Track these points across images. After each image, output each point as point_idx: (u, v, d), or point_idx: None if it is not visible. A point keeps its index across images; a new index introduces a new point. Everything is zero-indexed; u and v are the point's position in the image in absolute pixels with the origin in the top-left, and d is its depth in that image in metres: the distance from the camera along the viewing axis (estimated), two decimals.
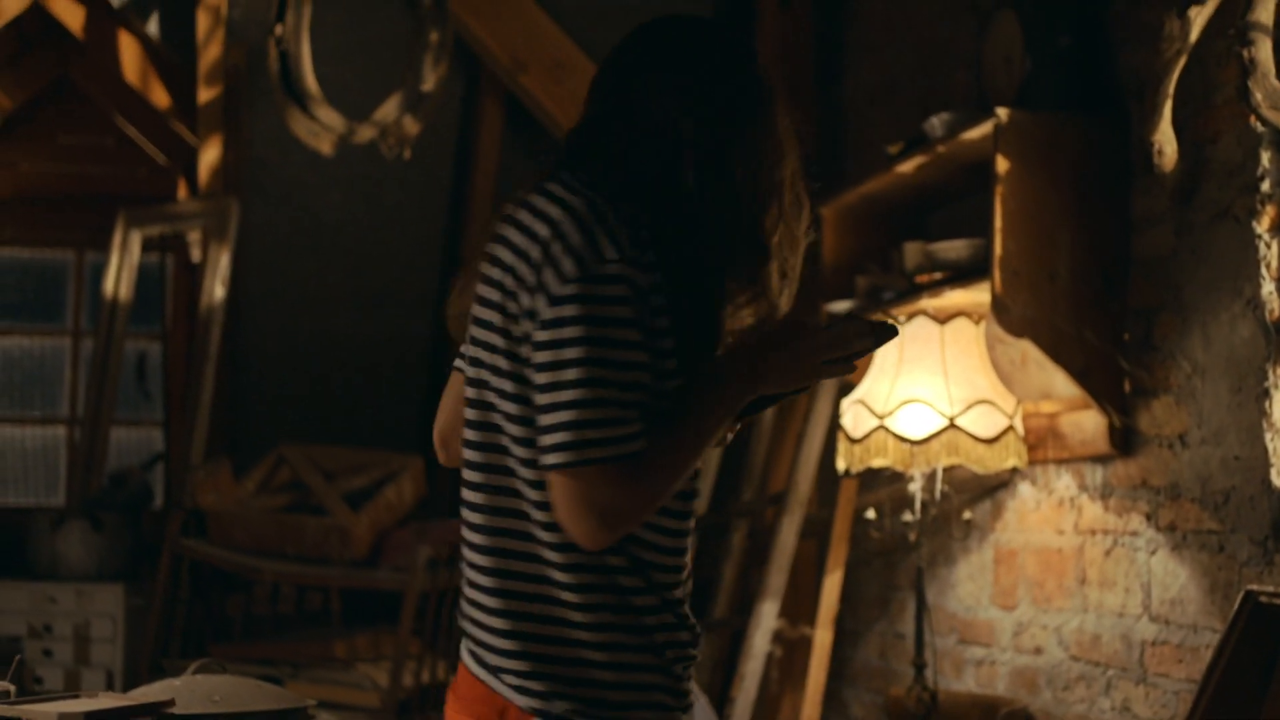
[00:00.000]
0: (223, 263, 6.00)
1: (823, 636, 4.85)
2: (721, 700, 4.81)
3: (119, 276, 6.35)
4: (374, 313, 6.82)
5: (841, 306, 4.72)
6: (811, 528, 5.12)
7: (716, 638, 5.17)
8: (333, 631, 5.09)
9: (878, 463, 4.15)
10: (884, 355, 4.19)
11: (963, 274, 4.14)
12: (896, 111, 5.25)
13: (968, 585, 4.64)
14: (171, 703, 2.74)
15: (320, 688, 4.64)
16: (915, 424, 4.05)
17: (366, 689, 4.74)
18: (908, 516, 4.21)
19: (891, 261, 4.71)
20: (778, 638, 4.94)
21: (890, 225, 4.89)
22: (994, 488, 4.48)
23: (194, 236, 6.57)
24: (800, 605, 5.21)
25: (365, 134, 5.28)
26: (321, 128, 5.25)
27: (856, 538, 5.11)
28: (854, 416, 4.19)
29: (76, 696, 2.85)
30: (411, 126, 5.27)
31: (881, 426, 4.09)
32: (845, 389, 4.88)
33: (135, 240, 6.32)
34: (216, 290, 6.01)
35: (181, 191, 6.46)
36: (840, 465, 4.26)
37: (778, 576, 4.87)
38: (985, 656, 4.54)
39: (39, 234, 7.61)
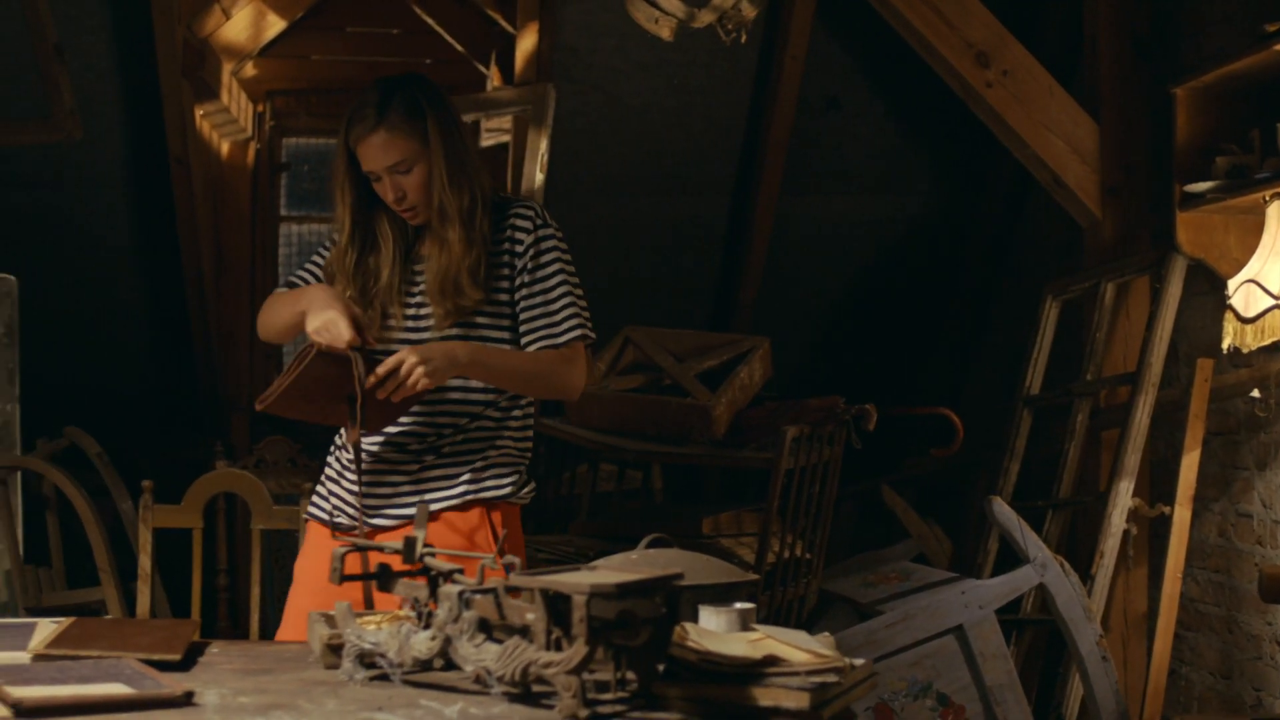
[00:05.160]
0: (541, 148, 6.10)
1: (1182, 514, 4.87)
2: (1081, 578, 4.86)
3: None
4: (672, 197, 6.89)
5: (1201, 187, 4.69)
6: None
7: (1063, 516, 5.22)
8: (699, 509, 5.20)
9: (1270, 341, 4.15)
10: (1276, 237, 4.18)
11: None
12: None
13: None
14: (681, 575, 2.85)
15: None
16: None
17: (733, 564, 4.86)
18: None
19: (1251, 142, 4.66)
20: (1132, 515, 4.98)
21: (1239, 107, 4.83)
22: None
23: (493, 124, 6.67)
24: (1136, 484, 5.22)
25: (704, 19, 5.29)
26: (662, 14, 5.27)
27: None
28: (1245, 296, 4.19)
29: (577, 569, 2.97)
30: (749, 10, 5.28)
31: (1278, 306, 4.08)
32: (1202, 273, 4.87)
33: None
34: (536, 176, 6.11)
35: (495, 79, 6.56)
36: (1226, 344, 4.26)
37: (1133, 456, 4.90)
38: None
39: (330, 125, 7.76)
